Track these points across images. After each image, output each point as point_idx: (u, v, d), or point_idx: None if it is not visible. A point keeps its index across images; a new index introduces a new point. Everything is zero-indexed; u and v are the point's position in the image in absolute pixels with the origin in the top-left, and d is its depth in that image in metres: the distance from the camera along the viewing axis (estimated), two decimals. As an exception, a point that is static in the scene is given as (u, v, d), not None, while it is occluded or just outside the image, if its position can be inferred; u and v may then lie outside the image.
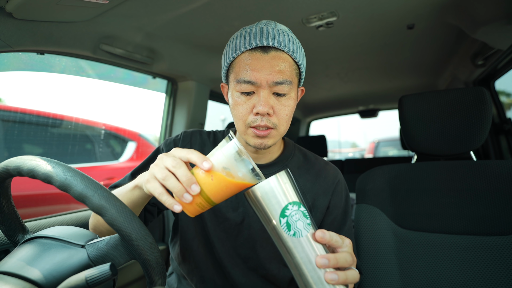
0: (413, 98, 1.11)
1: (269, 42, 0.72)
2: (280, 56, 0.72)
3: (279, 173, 0.50)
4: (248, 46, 0.72)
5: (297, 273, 0.49)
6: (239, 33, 0.78)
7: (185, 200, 0.51)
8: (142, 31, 1.21)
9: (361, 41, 1.48)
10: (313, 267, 0.48)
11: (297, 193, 0.51)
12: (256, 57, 0.72)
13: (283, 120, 0.75)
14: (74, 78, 1.44)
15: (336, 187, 0.87)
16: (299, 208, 0.49)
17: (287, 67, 0.73)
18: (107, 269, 0.47)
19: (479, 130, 1.01)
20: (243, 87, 0.72)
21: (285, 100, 0.74)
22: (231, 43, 0.78)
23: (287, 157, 0.88)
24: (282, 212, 0.48)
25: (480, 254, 0.92)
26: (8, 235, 0.62)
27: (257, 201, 0.50)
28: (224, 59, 0.79)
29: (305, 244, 0.49)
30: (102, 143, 2.85)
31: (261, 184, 0.49)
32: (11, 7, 0.81)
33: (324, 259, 0.48)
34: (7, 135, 2.17)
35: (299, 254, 0.49)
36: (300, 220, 0.49)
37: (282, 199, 0.49)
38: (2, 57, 1.22)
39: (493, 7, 1.13)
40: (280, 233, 0.49)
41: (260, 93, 0.72)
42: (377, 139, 8.13)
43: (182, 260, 0.88)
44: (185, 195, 0.51)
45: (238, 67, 0.74)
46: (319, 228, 0.82)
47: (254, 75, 0.71)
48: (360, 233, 1.03)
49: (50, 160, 0.53)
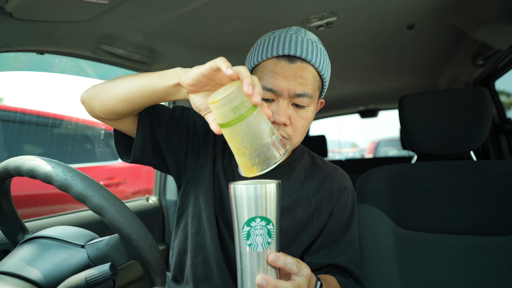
0: (413, 98, 1.11)
1: (297, 52, 0.70)
2: (306, 67, 0.71)
3: (268, 184, 0.50)
4: (274, 53, 0.71)
5: (240, 277, 0.52)
6: (267, 37, 0.76)
7: (255, 97, 0.49)
8: (142, 31, 1.21)
9: (361, 41, 1.48)
10: (253, 280, 0.50)
11: (275, 209, 0.50)
12: (281, 66, 0.71)
13: (298, 132, 0.74)
14: (74, 78, 1.44)
15: (342, 193, 0.85)
16: (267, 225, 0.50)
17: (310, 80, 0.72)
18: (107, 269, 0.47)
19: (479, 130, 1.01)
20: (263, 93, 0.71)
21: (304, 112, 0.73)
22: (258, 46, 0.77)
23: (295, 160, 0.87)
24: (247, 222, 0.49)
25: (480, 254, 0.92)
26: (8, 235, 0.62)
27: (233, 199, 0.50)
28: (248, 61, 0.78)
29: (256, 259, 0.50)
30: (102, 143, 2.85)
31: (242, 187, 0.49)
32: (11, 7, 0.81)
33: (263, 280, 0.49)
34: (7, 135, 2.17)
35: (246, 263, 0.50)
36: (261, 236, 0.50)
37: (253, 210, 0.49)
38: (2, 57, 1.22)
39: (493, 7, 1.13)
40: (239, 237, 0.50)
41: (279, 102, 0.71)
42: (377, 139, 8.13)
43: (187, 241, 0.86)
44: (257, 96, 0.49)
45: (262, 72, 0.73)
46: (321, 231, 0.84)
47: (277, 83, 0.70)
48: (360, 233, 1.03)
49: (50, 160, 0.53)
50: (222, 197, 0.83)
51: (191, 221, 0.85)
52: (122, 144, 0.81)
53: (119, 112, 0.68)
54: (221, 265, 0.80)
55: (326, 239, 0.84)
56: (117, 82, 0.67)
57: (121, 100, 0.65)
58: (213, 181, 0.84)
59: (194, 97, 0.58)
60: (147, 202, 1.71)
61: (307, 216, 0.83)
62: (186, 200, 0.87)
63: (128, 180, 2.85)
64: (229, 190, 0.51)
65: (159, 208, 1.74)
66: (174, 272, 0.89)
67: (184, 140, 0.84)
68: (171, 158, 0.83)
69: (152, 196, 1.78)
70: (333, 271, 0.84)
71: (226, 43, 1.38)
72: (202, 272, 0.82)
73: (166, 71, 0.61)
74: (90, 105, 0.71)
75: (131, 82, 0.64)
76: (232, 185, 0.50)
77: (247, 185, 0.49)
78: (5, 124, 2.17)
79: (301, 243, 0.83)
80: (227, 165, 0.85)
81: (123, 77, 0.67)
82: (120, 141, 0.81)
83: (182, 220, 0.89)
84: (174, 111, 0.85)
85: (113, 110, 0.68)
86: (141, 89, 0.63)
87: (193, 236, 0.83)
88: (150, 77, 0.63)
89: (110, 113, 0.68)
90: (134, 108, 0.67)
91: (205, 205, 0.82)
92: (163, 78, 0.60)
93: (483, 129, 1.00)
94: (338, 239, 0.85)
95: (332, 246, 0.84)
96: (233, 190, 0.50)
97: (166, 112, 0.83)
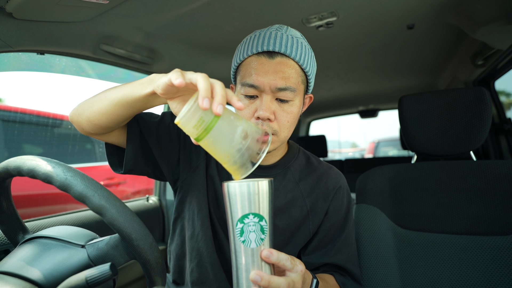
0: (413, 98, 1.11)
1: (275, 47, 0.71)
2: (286, 62, 0.72)
3: (260, 181, 0.50)
4: (254, 50, 0.73)
5: (235, 274, 0.52)
6: (249, 36, 0.78)
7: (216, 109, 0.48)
8: (142, 31, 1.21)
9: (361, 41, 1.48)
10: (247, 277, 0.51)
11: (267, 206, 0.51)
12: (261, 62, 0.72)
13: (284, 126, 0.74)
14: (74, 78, 1.44)
15: (337, 192, 0.86)
16: (260, 221, 0.50)
17: (292, 74, 0.72)
18: (107, 269, 0.47)
19: (479, 130, 1.01)
20: (247, 90, 0.73)
21: (288, 107, 0.74)
22: (241, 45, 0.78)
23: (290, 159, 0.87)
24: (241, 218, 0.50)
25: (480, 254, 0.92)
26: (8, 235, 0.62)
27: (227, 197, 0.51)
28: (233, 61, 0.80)
29: (250, 255, 0.51)
30: (102, 143, 2.85)
31: (235, 184, 0.50)
32: (11, 7, 0.81)
33: (257, 276, 0.50)
34: (7, 135, 2.17)
35: (241, 260, 0.51)
36: (254, 232, 0.50)
37: (246, 206, 0.50)
38: (2, 57, 1.22)
39: (493, 7, 1.13)
40: (233, 234, 0.51)
41: (262, 98, 0.72)
42: (377, 139, 8.13)
43: (183, 244, 0.86)
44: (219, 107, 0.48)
45: (244, 70, 0.74)
46: (317, 231, 0.84)
47: (258, 79, 0.71)
48: (360, 233, 1.03)
49: (50, 160, 0.53)
50: (217, 199, 0.83)
51: (186, 224, 0.85)
52: (115, 157, 0.81)
53: (106, 126, 0.68)
54: (217, 268, 0.80)
55: (323, 239, 0.84)
56: (99, 97, 0.66)
57: (105, 114, 0.65)
58: (207, 184, 0.84)
59: (171, 103, 0.58)
60: (147, 202, 1.71)
61: (303, 216, 0.83)
62: (181, 204, 0.87)
63: (128, 180, 2.85)
64: (223, 189, 0.52)
65: (159, 208, 1.74)
66: (173, 276, 0.89)
67: (175, 145, 0.85)
68: (164, 164, 0.83)
69: (152, 196, 1.78)
70: (330, 270, 0.84)
71: (226, 43, 1.38)
72: (197, 276, 0.82)
73: (143, 80, 0.60)
74: (78, 123, 0.71)
75: (111, 95, 0.64)
76: (226, 183, 0.51)
77: (240, 183, 0.50)
78: (5, 124, 2.17)
79: (297, 243, 0.83)
80: (221, 167, 0.86)
81: (105, 91, 0.67)
82: (112, 154, 0.81)
83: (178, 223, 0.89)
84: (164, 117, 0.85)
85: (100, 125, 0.67)
86: (122, 100, 0.62)
87: (189, 239, 0.84)
88: (128, 87, 0.62)
89: (98, 128, 0.68)
90: (120, 120, 0.67)
91: (199, 208, 0.82)
92: (140, 87, 0.59)
93: (483, 129, 1.00)
94: (335, 238, 0.85)
95: (328, 246, 0.84)
96: (226, 188, 0.51)
97: (155, 119, 0.83)
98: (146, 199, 1.73)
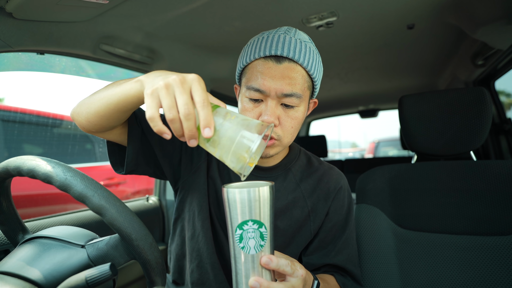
0: (413, 98, 1.11)
1: (284, 52, 0.70)
2: (293, 67, 0.71)
3: (260, 187, 0.49)
4: (262, 54, 0.71)
5: (234, 279, 0.52)
6: (257, 37, 0.76)
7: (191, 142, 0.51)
8: (142, 31, 1.21)
9: (361, 41, 1.48)
10: (247, 282, 0.50)
11: (268, 212, 0.50)
12: (268, 66, 0.70)
13: (288, 132, 0.74)
14: (74, 78, 1.44)
15: (338, 193, 0.85)
16: (259, 228, 0.50)
17: (299, 80, 0.71)
18: (107, 269, 0.47)
19: (479, 130, 1.01)
20: (252, 94, 0.71)
21: (293, 112, 0.73)
22: (248, 47, 0.76)
23: (291, 160, 0.87)
24: (240, 225, 0.49)
25: (480, 254, 0.92)
26: (8, 235, 0.62)
27: (226, 202, 0.50)
28: (239, 62, 0.78)
29: (249, 261, 0.50)
30: (102, 143, 2.85)
31: (234, 191, 0.49)
32: (11, 7, 0.81)
33: (256, 283, 0.49)
34: (7, 135, 2.17)
35: (240, 265, 0.51)
36: (253, 239, 0.50)
37: (246, 213, 0.49)
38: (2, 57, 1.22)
39: (493, 7, 1.13)
40: (232, 240, 0.51)
41: (268, 103, 0.71)
42: (377, 139, 8.13)
43: (183, 244, 0.86)
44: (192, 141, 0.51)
45: (250, 73, 0.73)
46: (318, 231, 0.84)
47: (264, 84, 0.70)
48: (360, 233, 1.03)
49: (50, 160, 0.53)
50: (218, 200, 0.83)
51: (187, 225, 0.85)
52: (116, 156, 0.80)
53: (106, 125, 0.67)
54: (217, 269, 0.80)
55: (323, 239, 0.84)
56: (97, 97, 0.65)
57: (104, 116, 0.64)
58: (208, 185, 0.84)
59: None
60: (147, 202, 1.71)
61: (304, 217, 0.83)
62: (182, 204, 0.87)
63: (128, 180, 2.85)
64: (222, 194, 0.51)
65: (159, 208, 1.74)
66: (173, 276, 0.89)
67: (177, 145, 0.84)
68: (166, 164, 0.83)
69: (152, 196, 1.78)
70: (331, 270, 0.84)
71: (226, 43, 1.38)
72: (197, 277, 0.82)
73: (132, 84, 0.58)
74: (79, 121, 0.70)
75: (108, 99, 0.62)
76: (225, 189, 0.50)
77: (240, 189, 0.49)
78: (5, 124, 2.17)
79: (298, 243, 0.83)
80: (222, 168, 0.85)
81: (101, 90, 0.65)
82: (113, 153, 0.80)
83: (178, 224, 0.89)
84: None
85: (100, 125, 0.67)
86: (118, 105, 0.61)
87: (189, 240, 0.84)
88: (121, 91, 0.60)
89: (98, 127, 0.68)
90: (121, 118, 0.66)
91: (199, 209, 0.82)
92: (136, 85, 0.57)
93: (483, 129, 1.00)
94: (335, 239, 0.85)
95: (329, 246, 0.84)
96: (226, 194, 0.50)
97: None
98: (146, 199, 1.73)
